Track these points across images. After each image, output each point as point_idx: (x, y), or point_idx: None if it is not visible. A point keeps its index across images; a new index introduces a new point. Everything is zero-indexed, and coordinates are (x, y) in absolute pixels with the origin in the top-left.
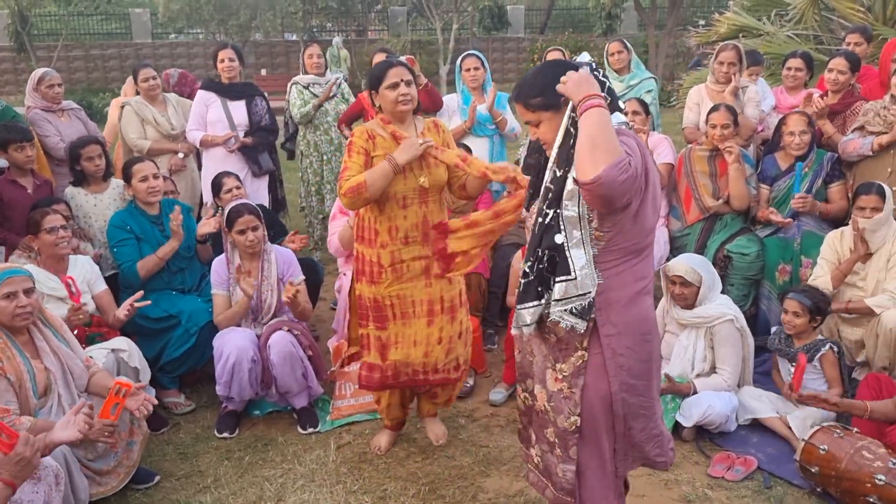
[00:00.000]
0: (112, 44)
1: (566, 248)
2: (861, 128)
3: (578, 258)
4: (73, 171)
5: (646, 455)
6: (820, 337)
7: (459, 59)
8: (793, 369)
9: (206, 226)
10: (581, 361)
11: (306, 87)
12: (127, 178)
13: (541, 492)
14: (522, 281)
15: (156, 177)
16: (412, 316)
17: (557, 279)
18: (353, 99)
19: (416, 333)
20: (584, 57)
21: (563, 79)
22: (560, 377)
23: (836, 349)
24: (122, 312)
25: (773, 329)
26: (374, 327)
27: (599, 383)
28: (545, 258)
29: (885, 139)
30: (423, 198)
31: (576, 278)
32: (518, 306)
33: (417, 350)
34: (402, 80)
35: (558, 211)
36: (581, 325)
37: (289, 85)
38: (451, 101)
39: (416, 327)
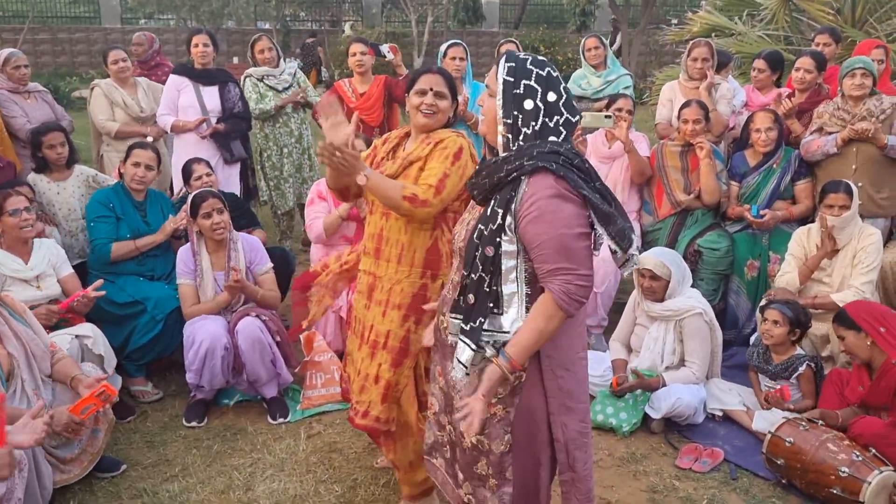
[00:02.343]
0: (80, 28)
1: (500, 281)
2: (819, 129)
3: (508, 291)
4: (35, 158)
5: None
6: (799, 351)
7: (444, 46)
8: (768, 384)
9: (175, 221)
10: (518, 382)
11: (260, 80)
12: (126, 157)
13: None
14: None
15: (149, 168)
16: (353, 331)
17: (493, 310)
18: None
19: (353, 349)
20: None
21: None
22: (495, 401)
23: (814, 366)
24: (79, 307)
25: (752, 338)
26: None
27: (536, 402)
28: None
29: (845, 134)
30: (385, 209)
31: (501, 314)
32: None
33: (351, 368)
34: (430, 89)
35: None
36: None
37: (242, 78)
38: None
39: (353, 344)
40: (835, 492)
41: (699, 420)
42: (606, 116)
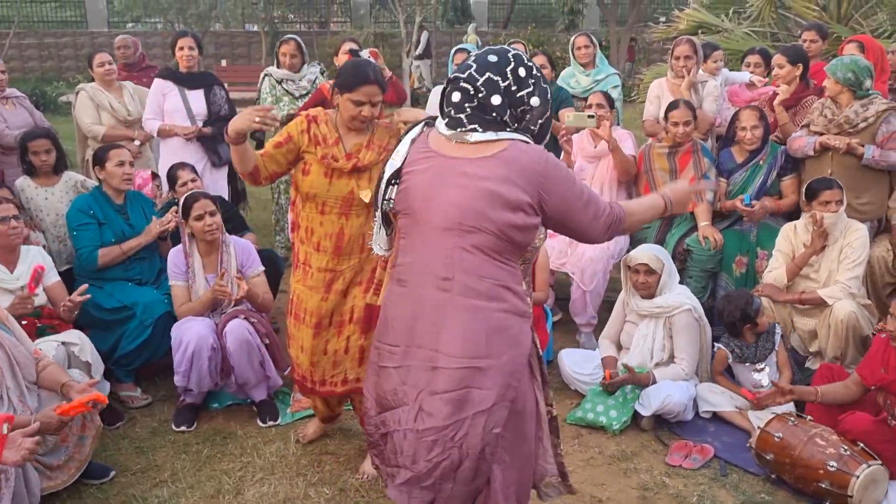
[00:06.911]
0: (66, 32)
1: None
2: (807, 126)
3: None
4: (24, 163)
5: None
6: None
7: (453, 51)
8: (754, 373)
9: (162, 224)
10: None
11: (279, 83)
12: (100, 161)
13: None
14: None
15: (131, 164)
16: (301, 322)
17: None
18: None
19: (303, 339)
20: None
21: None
22: None
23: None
24: (64, 312)
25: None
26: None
27: None
28: None
29: (822, 140)
30: (344, 209)
31: None
32: None
33: (304, 356)
34: (369, 101)
35: None
36: None
37: (261, 75)
38: (438, 93)
39: (304, 334)
40: (823, 486)
41: (689, 417)
42: (590, 116)
